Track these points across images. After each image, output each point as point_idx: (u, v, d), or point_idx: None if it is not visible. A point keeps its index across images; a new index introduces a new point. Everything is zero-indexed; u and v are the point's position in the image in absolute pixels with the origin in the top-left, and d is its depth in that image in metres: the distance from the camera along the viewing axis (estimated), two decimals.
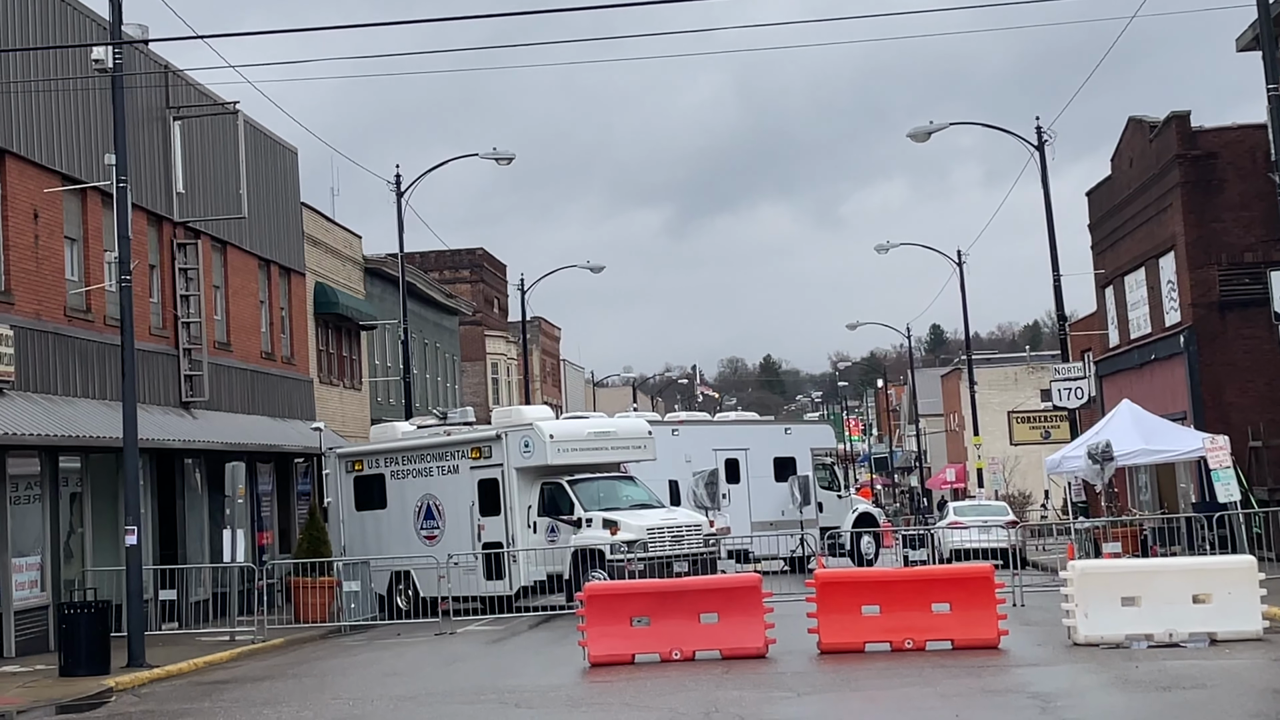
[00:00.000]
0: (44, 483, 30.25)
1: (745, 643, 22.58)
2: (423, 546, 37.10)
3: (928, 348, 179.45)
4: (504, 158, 48.82)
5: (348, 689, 21.97)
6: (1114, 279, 50.87)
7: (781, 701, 18.08)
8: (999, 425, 79.42)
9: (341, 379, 52.67)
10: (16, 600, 28.95)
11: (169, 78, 37.45)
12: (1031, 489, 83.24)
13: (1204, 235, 42.46)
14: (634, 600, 23.30)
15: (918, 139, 45.63)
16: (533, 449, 35.55)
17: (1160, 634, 21.71)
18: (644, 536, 33.87)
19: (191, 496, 37.47)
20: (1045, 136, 44.32)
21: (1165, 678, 18.29)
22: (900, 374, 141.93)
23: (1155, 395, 44.34)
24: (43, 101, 31.20)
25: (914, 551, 44.12)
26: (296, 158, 47.51)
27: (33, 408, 29.16)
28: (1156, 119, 45.28)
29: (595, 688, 20.51)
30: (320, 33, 42.55)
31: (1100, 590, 22.17)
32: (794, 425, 53.48)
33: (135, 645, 26.12)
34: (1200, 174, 42.64)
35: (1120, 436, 35.88)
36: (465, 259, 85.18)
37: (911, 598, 22.75)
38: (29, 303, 30.15)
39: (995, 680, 19.22)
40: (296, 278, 47.16)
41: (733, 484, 46.06)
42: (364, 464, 39.69)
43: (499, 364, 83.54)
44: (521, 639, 29.57)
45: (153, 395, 35.47)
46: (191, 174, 38.49)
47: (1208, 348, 42.31)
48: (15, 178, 30.06)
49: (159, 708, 21.05)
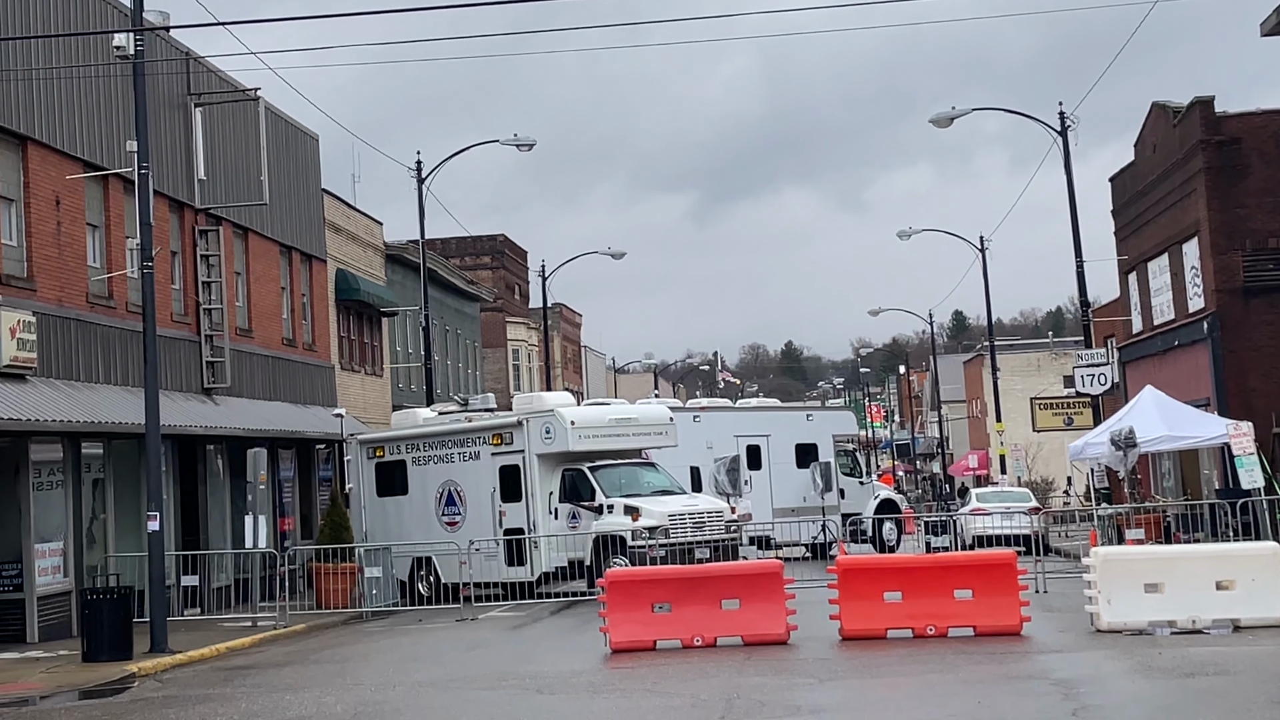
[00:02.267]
0: (67, 469, 30.31)
1: (767, 629, 22.54)
2: (444, 532, 37.14)
3: (950, 334, 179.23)
4: (525, 144, 48.78)
5: (369, 674, 21.98)
6: (1137, 265, 50.68)
7: (803, 688, 18.04)
8: (1022, 411, 79.35)
9: (363, 365, 52.72)
10: (40, 586, 29.03)
11: (190, 64, 37.47)
12: (1054, 475, 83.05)
13: (1228, 221, 42.26)
14: (655, 586, 23.27)
15: (940, 125, 45.56)
16: (554, 435, 35.54)
17: (1183, 620, 21.62)
18: (666, 523, 33.84)
19: (213, 482, 37.53)
20: (1068, 122, 44.20)
21: (1188, 664, 18.22)
22: (922, 360, 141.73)
23: (1179, 381, 44.16)
24: (64, 88, 31.23)
25: (936, 538, 44.00)
26: (318, 144, 47.53)
27: (55, 394, 29.23)
28: (1180, 104, 45.08)
29: (617, 673, 20.49)
30: (342, 19, 42.24)
31: (1123, 577, 22.09)
32: (816, 411, 53.39)
33: (157, 631, 26.18)
34: (1224, 159, 42.43)
35: (1143, 423, 35.77)
36: (486, 245, 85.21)
37: (934, 584, 22.69)
38: (51, 289, 30.21)
39: (1018, 667, 19.17)
40: (318, 264, 47.19)
41: (754, 470, 45.99)
42: (385, 450, 39.72)
43: (520, 350, 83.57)
44: (543, 625, 29.57)
45: (175, 381, 35.54)
46: (213, 160, 38.51)
47: (1231, 333, 42.13)
48: (37, 164, 30.10)
49: (181, 693, 21.08)
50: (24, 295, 29.01)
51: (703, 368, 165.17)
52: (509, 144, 49.04)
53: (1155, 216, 47.83)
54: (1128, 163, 51.61)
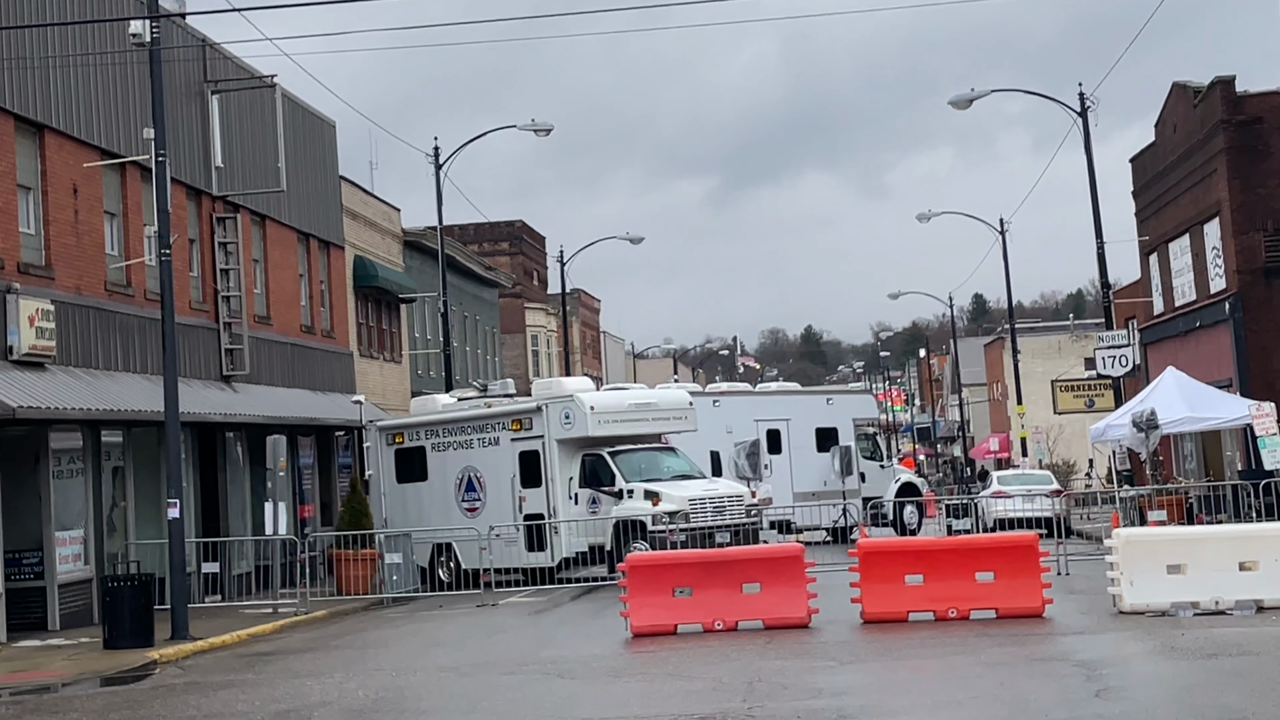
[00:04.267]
0: (86, 457, 30.34)
1: (788, 613, 22.49)
2: (464, 519, 37.13)
3: (970, 317, 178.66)
4: (542, 129, 48.71)
5: (390, 660, 21.97)
6: (1158, 246, 50.47)
7: (825, 671, 17.99)
8: (1043, 394, 79.02)
9: (381, 352, 52.73)
10: (61, 574, 29.07)
11: (206, 51, 37.45)
12: (1076, 458, 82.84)
13: (1249, 201, 42.05)
14: (676, 571, 23.23)
15: (959, 106, 45.36)
16: (573, 420, 35.51)
17: (1206, 602, 21.53)
18: (686, 507, 33.79)
19: (233, 470, 37.56)
20: (1088, 103, 43.96)
21: (1211, 645, 18.13)
22: (943, 343, 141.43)
23: (1200, 362, 43.99)
24: (80, 76, 31.21)
25: (958, 521, 43.93)
26: (335, 131, 47.51)
27: (75, 382, 29.25)
28: (1201, 84, 44.85)
29: (638, 658, 20.46)
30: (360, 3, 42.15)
31: (1146, 558, 21.99)
32: (836, 395, 53.27)
33: (178, 618, 26.20)
34: (1245, 139, 42.21)
35: (1165, 404, 35.64)
36: (504, 231, 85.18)
37: (955, 567, 22.61)
38: (69, 278, 30.22)
39: (1040, 649, 19.10)
40: (336, 251, 47.19)
41: (774, 455, 45.95)
42: (405, 437, 39.71)
43: (539, 336, 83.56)
44: (563, 610, 29.55)
45: (193, 369, 35.55)
46: (230, 148, 38.50)
47: (1253, 314, 41.94)
48: (54, 153, 30.10)
49: (203, 679, 21.09)
50: (42, 284, 29.02)
51: (722, 352, 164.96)
52: (526, 129, 48.99)
53: (1176, 197, 47.62)
54: (1148, 143, 51.39)
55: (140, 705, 18.73)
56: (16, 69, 28.70)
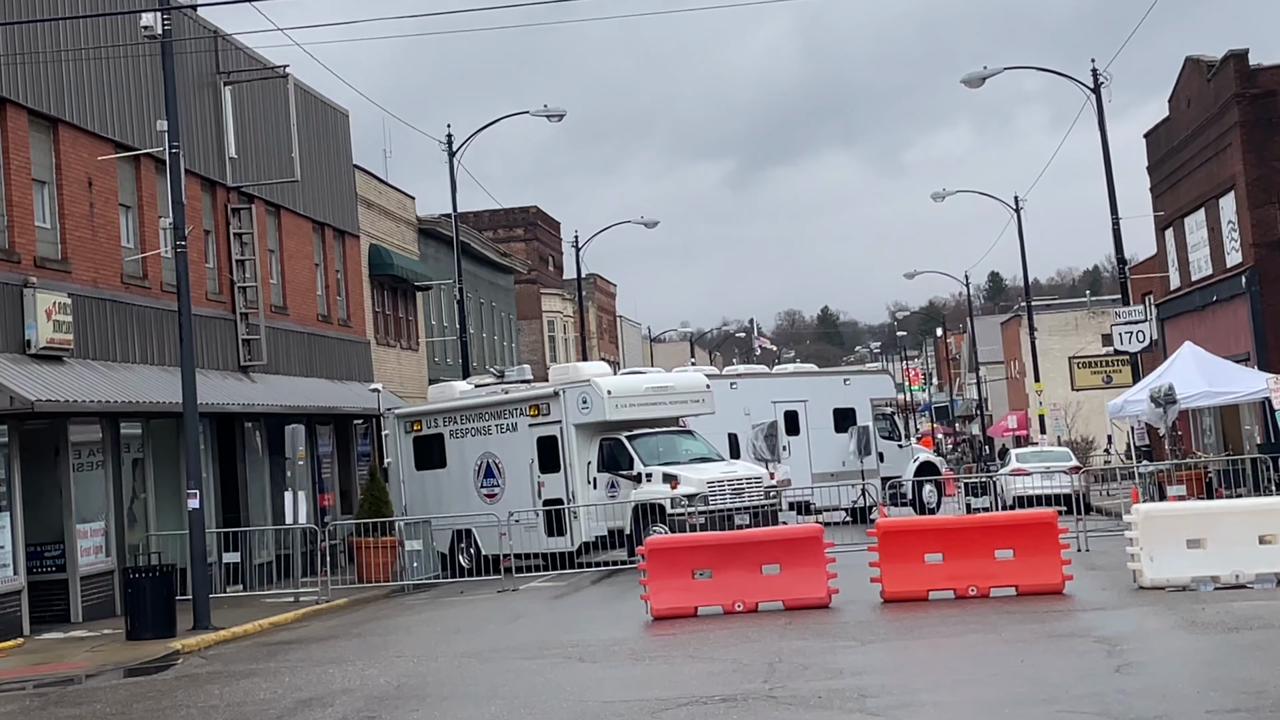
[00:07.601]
0: (106, 449, 30.43)
1: (808, 593, 22.50)
2: (483, 505, 37.17)
3: (987, 295, 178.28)
4: (554, 114, 48.72)
5: (412, 647, 22.03)
6: (1174, 221, 50.35)
7: (845, 651, 18.00)
8: (1060, 371, 78.95)
9: (398, 340, 52.79)
10: (82, 566, 29.19)
11: (219, 43, 37.48)
12: (1094, 434, 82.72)
13: (1264, 174, 41.94)
14: (695, 553, 23.25)
15: (972, 85, 45.20)
16: (591, 405, 35.53)
17: (1226, 575, 21.50)
18: (704, 490, 33.81)
19: (252, 460, 37.65)
20: (1101, 79, 43.80)
21: (1232, 619, 18.12)
22: (959, 322, 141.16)
23: (1217, 336, 43.90)
24: (93, 69, 31.27)
25: (977, 499, 43.86)
26: (348, 120, 47.54)
27: (93, 375, 29.33)
28: (1214, 58, 44.70)
29: (659, 640, 20.49)
30: None
31: (1165, 533, 21.97)
32: (853, 376, 53.18)
33: (200, 608, 26.29)
34: (1259, 112, 42.09)
35: (1183, 379, 35.56)
36: (519, 218, 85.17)
37: (975, 545, 22.60)
38: (86, 271, 30.29)
39: (1061, 625, 19.09)
40: (351, 240, 47.24)
41: (792, 436, 45.94)
42: (423, 424, 39.76)
43: (555, 321, 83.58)
44: (584, 594, 29.59)
45: (211, 360, 35.64)
46: (244, 138, 38.55)
47: (1269, 287, 41.84)
48: (68, 146, 30.16)
49: (225, 668, 21.17)
50: (59, 277, 29.10)
51: (739, 335, 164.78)
52: (539, 115, 49.00)
53: (1191, 172, 47.49)
54: (1162, 118, 51.23)
55: (164, 695, 18.81)
56: (30, 63, 28.76)
